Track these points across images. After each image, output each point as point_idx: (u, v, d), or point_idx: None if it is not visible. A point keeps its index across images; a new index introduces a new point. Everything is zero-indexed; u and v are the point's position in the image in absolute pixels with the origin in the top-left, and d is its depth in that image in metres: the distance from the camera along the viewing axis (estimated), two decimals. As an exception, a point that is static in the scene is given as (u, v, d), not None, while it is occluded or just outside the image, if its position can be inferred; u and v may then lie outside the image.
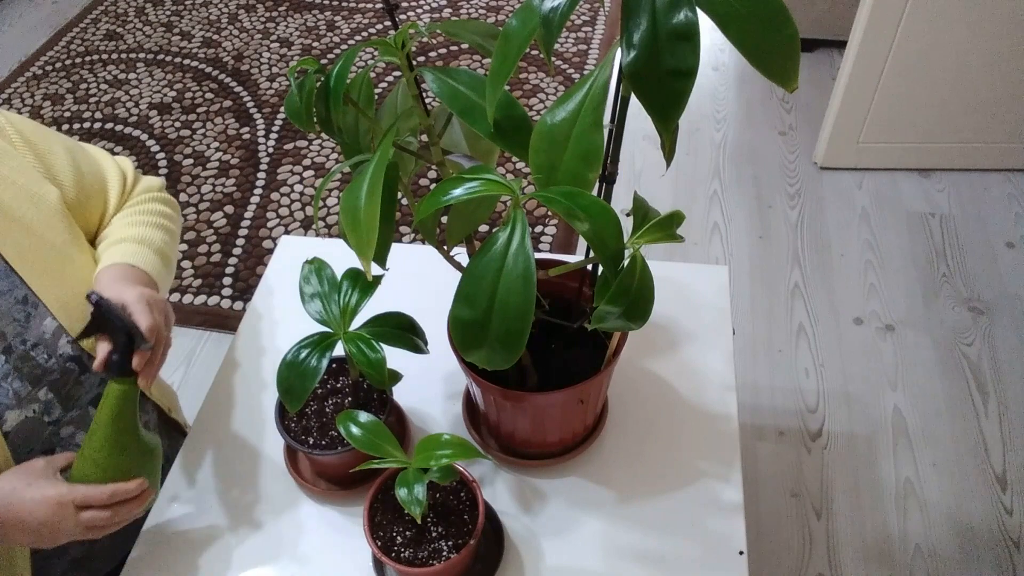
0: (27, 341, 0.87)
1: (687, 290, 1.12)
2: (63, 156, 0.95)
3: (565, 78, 2.74)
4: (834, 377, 1.88)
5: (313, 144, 2.57)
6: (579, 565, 0.87)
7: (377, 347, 0.81)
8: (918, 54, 2.05)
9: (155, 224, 1.02)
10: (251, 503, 0.95)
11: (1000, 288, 2.03)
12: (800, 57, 0.51)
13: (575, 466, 0.95)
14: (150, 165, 2.54)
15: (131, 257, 0.94)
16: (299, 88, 0.66)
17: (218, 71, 2.88)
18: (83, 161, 0.98)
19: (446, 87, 0.68)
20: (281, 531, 0.92)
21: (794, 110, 2.57)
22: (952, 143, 2.27)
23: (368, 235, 0.59)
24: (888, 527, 1.63)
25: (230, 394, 1.06)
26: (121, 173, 1.02)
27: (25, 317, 0.87)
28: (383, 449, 0.78)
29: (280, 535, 0.92)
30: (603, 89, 0.60)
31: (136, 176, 1.05)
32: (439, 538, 0.81)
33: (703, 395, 1.00)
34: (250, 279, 2.19)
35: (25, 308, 0.88)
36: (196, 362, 2.03)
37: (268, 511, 0.94)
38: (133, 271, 0.93)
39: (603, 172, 0.73)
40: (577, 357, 0.89)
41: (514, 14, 0.58)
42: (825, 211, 2.25)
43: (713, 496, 0.91)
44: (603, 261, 0.62)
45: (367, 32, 3.00)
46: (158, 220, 1.03)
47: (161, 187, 1.08)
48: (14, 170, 0.90)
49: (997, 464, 1.71)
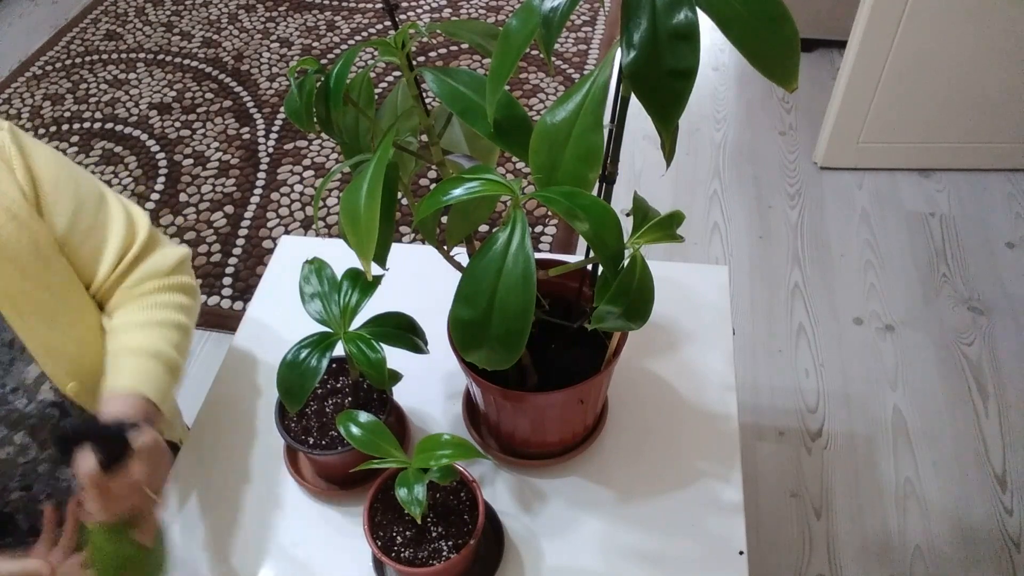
0: (6, 385, 0.86)
1: (687, 290, 1.12)
2: (67, 199, 0.90)
3: (565, 78, 2.74)
4: (834, 377, 1.88)
5: (313, 144, 2.57)
6: (579, 565, 0.87)
7: (377, 347, 0.81)
8: (918, 54, 2.05)
9: (172, 324, 0.95)
10: (251, 503, 0.95)
11: (1000, 288, 2.03)
12: (800, 57, 0.51)
13: (575, 466, 0.95)
14: (150, 165, 2.54)
15: (142, 382, 0.88)
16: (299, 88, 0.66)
17: (218, 71, 2.88)
18: (88, 211, 0.92)
19: (446, 87, 0.68)
20: (281, 531, 0.92)
21: (794, 110, 2.57)
22: (952, 143, 2.27)
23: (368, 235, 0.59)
24: (888, 527, 1.63)
25: (230, 394, 1.06)
26: (126, 238, 0.95)
27: (9, 361, 0.86)
28: (383, 449, 0.78)
29: (280, 535, 0.92)
30: (603, 89, 0.60)
31: (150, 240, 0.97)
32: (439, 538, 0.81)
33: (703, 395, 1.00)
34: (250, 279, 2.19)
35: (11, 352, 0.86)
36: (196, 362, 2.03)
37: (268, 511, 0.94)
38: (139, 404, 0.87)
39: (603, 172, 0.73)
40: (577, 357, 0.89)
41: (514, 14, 0.58)
42: (825, 211, 2.25)
43: (713, 496, 0.91)
44: (603, 261, 0.62)
45: (367, 32, 3.00)
46: (175, 318, 0.96)
47: (181, 264, 1.00)
48: (14, 203, 0.85)
49: (997, 464, 1.71)
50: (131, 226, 0.96)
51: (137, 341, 0.91)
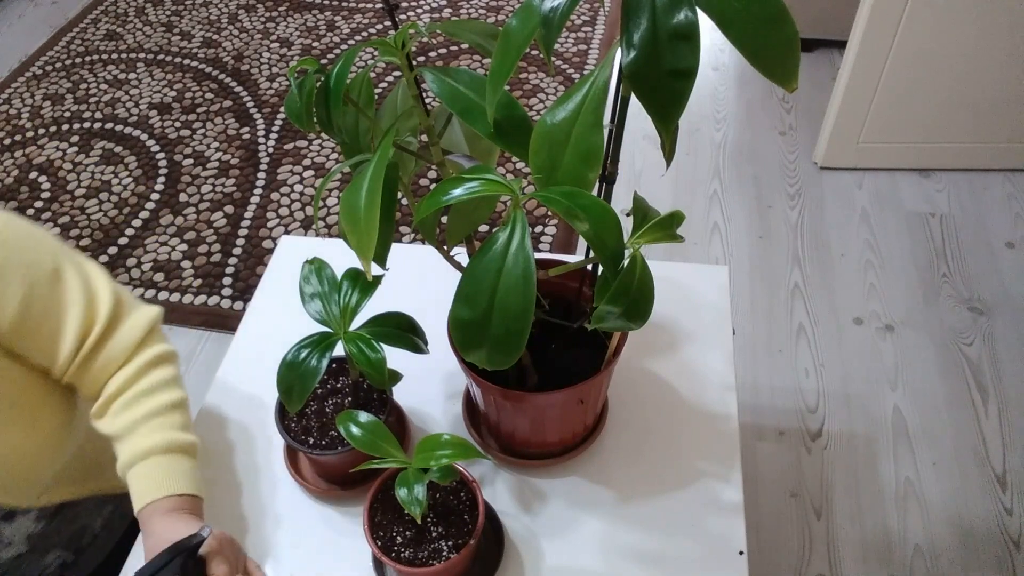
0: None
1: (687, 290, 1.11)
2: (15, 286, 0.80)
3: (565, 78, 2.74)
4: (834, 377, 1.88)
5: (313, 144, 2.57)
6: (579, 565, 0.87)
7: (377, 347, 0.81)
8: (918, 54, 2.05)
9: (168, 406, 0.88)
10: (251, 503, 0.95)
11: (1000, 288, 2.03)
12: (800, 57, 0.51)
13: (575, 466, 0.95)
14: (150, 165, 2.54)
15: (171, 483, 0.83)
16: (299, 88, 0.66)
17: (218, 71, 2.88)
18: (41, 294, 0.82)
19: (446, 87, 0.68)
20: (281, 531, 0.92)
21: (794, 110, 2.57)
22: (952, 143, 2.27)
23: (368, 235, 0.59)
24: (888, 527, 1.63)
25: (230, 394, 1.06)
26: (86, 318, 0.85)
27: None
28: (383, 449, 0.78)
29: (280, 535, 0.92)
30: (603, 89, 0.60)
31: (114, 314, 0.87)
32: (439, 538, 0.81)
33: (703, 395, 1.00)
34: (250, 279, 2.19)
35: None
36: (196, 362, 2.03)
37: (268, 511, 0.94)
38: (180, 505, 0.82)
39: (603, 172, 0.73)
40: (577, 357, 0.89)
41: (514, 14, 0.58)
42: (825, 211, 2.25)
43: (713, 496, 0.91)
44: (603, 261, 0.62)
45: (367, 32, 3.00)
46: (168, 398, 0.89)
47: (151, 332, 0.90)
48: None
49: (997, 464, 1.71)
50: (91, 303, 0.86)
51: (144, 445, 0.85)
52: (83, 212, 2.41)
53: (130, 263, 2.26)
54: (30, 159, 2.60)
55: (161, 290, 2.19)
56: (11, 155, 2.62)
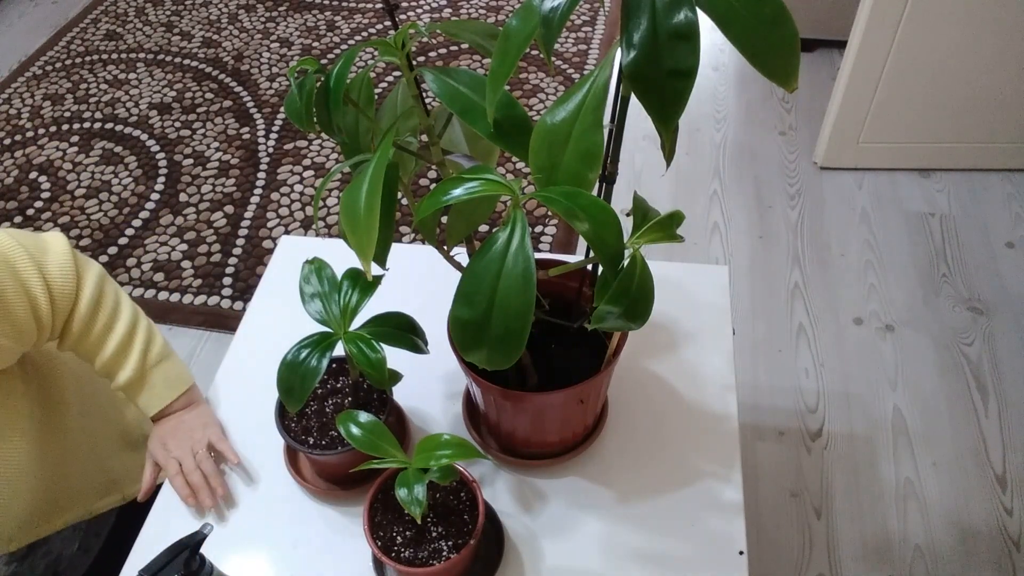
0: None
1: (687, 290, 1.12)
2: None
3: (565, 78, 2.74)
4: (834, 377, 1.88)
5: (313, 144, 2.57)
6: (579, 565, 0.87)
7: (377, 347, 0.81)
8: (918, 54, 2.05)
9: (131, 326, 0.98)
10: (251, 503, 0.95)
11: (1000, 288, 2.03)
12: (800, 57, 0.51)
13: (575, 466, 0.95)
14: (150, 165, 2.54)
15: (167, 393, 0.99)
16: (299, 88, 0.66)
17: (218, 71, 2.88)
18: None
19: (446, 87, 0.68)
20: (281, 531, 0.92)
21: (794, 110, 2.57)
22: (952, 143, 2.27)
23: (368, 235, 0.59)
24: (888, 527, 1.63)
25: (230, 394, 1.06)
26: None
27: None
28: (383, 449, 0.78)
29: (280, 535, 0.92)
30: (603, 89, 0.60)
31: (63, 290, 0.89)
32: (439, 538, 0.81)
33: (703, 395, 1.00)
34: (250, 279, 2.19)
35: None
36: (196, 362, 2.03)
37: (268, 511, 0.94)
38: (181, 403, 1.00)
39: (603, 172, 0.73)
40: (577, 357, 0.89)
41: (514, 14, 0.58)
42: (825, 211, 2.25)
43: (713, 496, 0.91)
44: (603, 261, 0.62)
45: (367, 32, 3.00)
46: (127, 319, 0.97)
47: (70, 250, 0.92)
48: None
49: (997, 464, 1.71)
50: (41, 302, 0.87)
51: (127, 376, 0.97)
52: (83, 212, 2.41)
53: (130, 263, 2.26)
54: (30, 159, 2.60)
55: (161, 290, 2.19)
56: (11, 155, 2.62)
